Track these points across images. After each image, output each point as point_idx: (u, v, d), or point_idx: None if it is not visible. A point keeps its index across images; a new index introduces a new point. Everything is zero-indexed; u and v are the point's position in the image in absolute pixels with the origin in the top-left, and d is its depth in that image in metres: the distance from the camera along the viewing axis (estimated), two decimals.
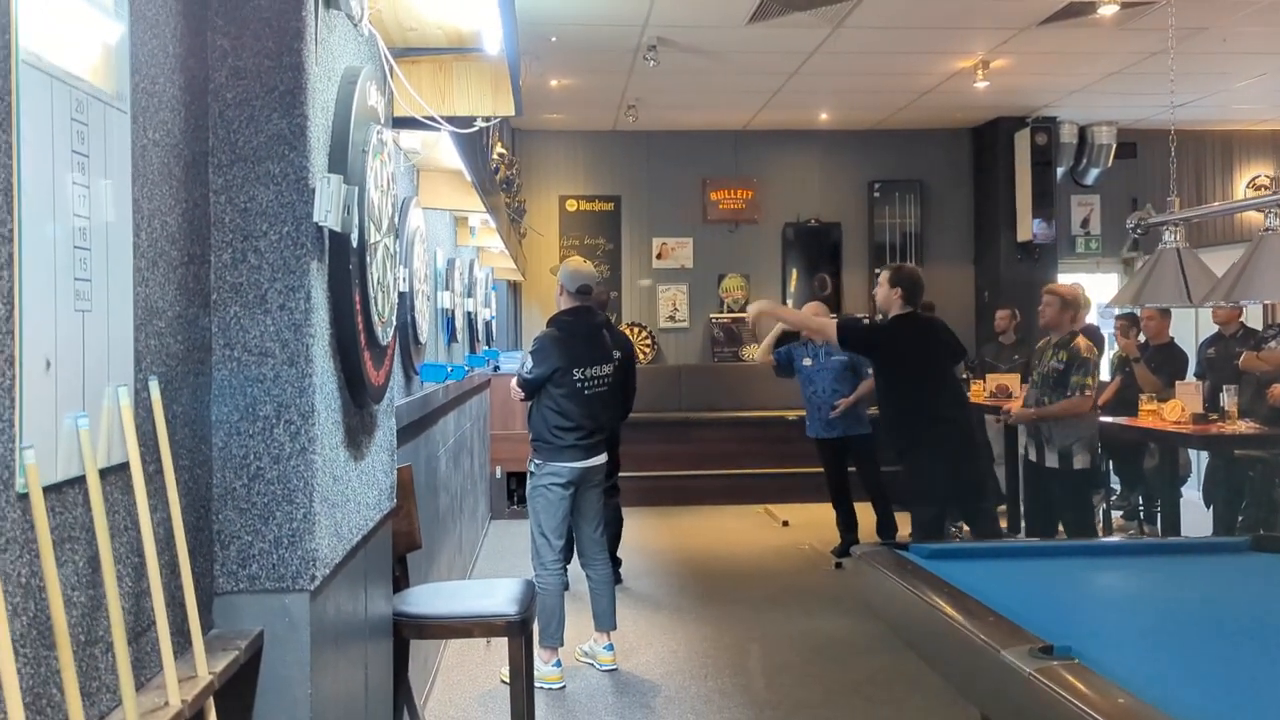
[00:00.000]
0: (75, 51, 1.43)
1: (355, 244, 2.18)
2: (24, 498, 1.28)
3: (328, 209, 1.96)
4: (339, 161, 2.13)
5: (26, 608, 1.29)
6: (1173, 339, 7.38)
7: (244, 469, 1.96)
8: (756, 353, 7.23)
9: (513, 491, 8.53)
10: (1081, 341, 5.59)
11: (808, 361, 7.06)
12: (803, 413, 7.41)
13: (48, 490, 1.33)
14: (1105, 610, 2.73)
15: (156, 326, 1.71)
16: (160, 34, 1.73)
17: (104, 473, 1.49)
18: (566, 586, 5.07)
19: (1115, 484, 7.83)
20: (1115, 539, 6.14)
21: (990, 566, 3.12)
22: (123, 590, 1.55)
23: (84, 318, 1.44)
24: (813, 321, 5.93)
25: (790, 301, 10.29)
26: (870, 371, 6.66)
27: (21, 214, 1.28)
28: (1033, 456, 5.82)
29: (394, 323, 2.66)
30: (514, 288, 10.12)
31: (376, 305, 2.40)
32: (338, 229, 2.02)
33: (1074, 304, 5.76)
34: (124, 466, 1.56)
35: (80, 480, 1.43)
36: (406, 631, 3.09)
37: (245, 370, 1.95)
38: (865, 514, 7.14)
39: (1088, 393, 5.51)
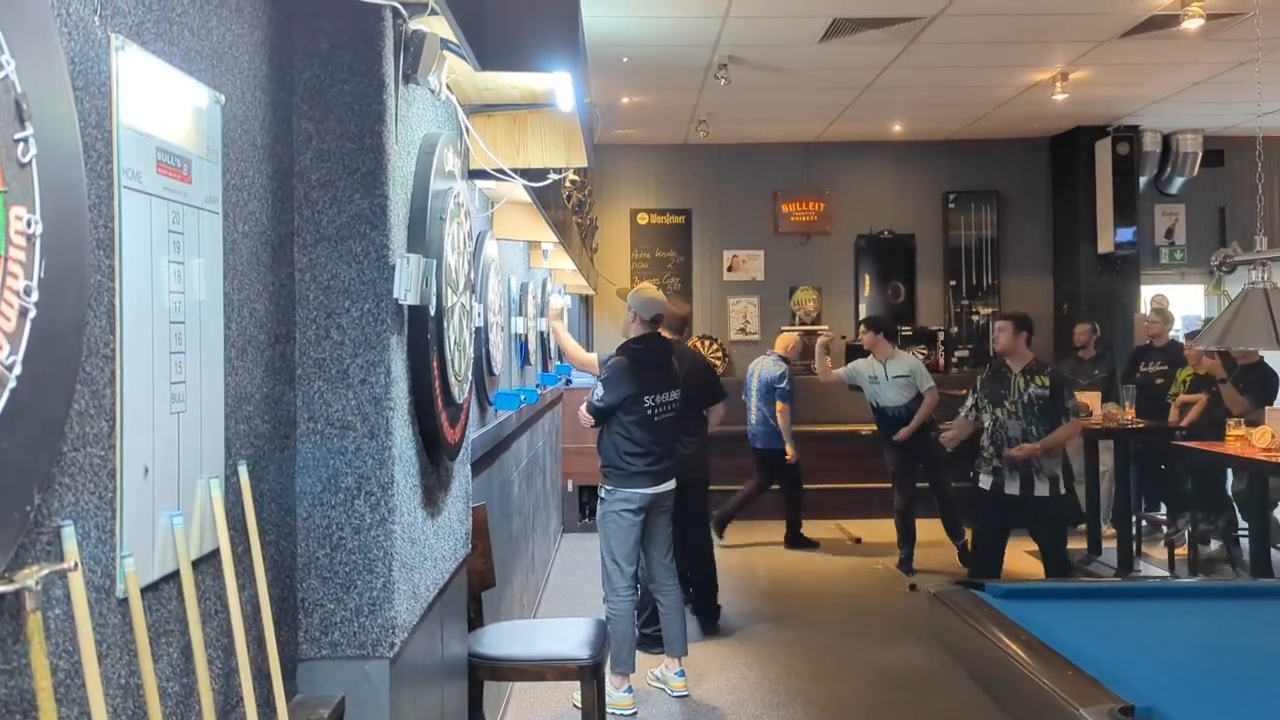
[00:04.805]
0: (171, 155, 1.47)
1: (433, 312, 2.23)
2: (123, 602, 1.34)
3: (407, 287, 2.01)
4: (418, 235, 2.18)
5: (126, 707, 1.35)
6: (1262, 358, 7.12)
7: (326, 539, 2.02)
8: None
9: (584, 505, 8.58)
10: (1052, 366, 5.70)
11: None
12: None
13: (145, 590, 1.39)
14: (1190, 663, 2.60)
15: (245, 411, 1.77)
16: (249, 129, 1.79)
17: (196, 563, 1.55)
18: (638, 609, 5.10)
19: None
20: (1202, 580, 5.95)
21: (1069, 609, 3.06)
22: (213, 672, 1.61)
23: (179, 419, 1.50)
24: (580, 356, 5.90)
25: (863, 308, 10.18)
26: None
27: (123, 331, 1.33)
28: (1014, 490, 5.52)
29: (469, 379, 2.71)
30: (585, 301, 10.19)
31: (454, 366, 2.45)
32: (416, 303, 2.07)
33: (1028, 327, 5.68)
34: (215, 553, 1.62)
35: (174, 574, 1.49)
36: (481, 673, 3.15)
37: (328, 443, 2.01)
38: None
39: (1083, 415, 5.59)
